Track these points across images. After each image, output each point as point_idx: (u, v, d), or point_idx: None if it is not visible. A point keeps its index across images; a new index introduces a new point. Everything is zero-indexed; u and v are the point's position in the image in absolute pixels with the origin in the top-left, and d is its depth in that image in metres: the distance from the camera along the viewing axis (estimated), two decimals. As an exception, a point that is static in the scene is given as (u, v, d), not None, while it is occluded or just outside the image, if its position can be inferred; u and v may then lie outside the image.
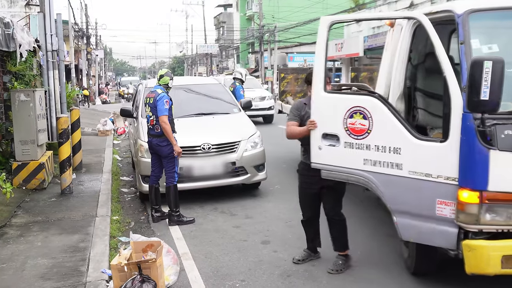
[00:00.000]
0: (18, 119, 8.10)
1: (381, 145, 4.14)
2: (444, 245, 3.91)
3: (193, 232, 6.12)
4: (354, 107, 4.27)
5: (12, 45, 7.93)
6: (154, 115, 6.46)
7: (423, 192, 3.92)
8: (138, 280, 4.01)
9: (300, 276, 4.70)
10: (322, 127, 4.52)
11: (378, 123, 4.15)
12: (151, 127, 6.55)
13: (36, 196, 7.73)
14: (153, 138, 6.50)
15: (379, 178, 4.19)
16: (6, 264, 4.94)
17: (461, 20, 3.83)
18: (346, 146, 4.38)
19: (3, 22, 7.10)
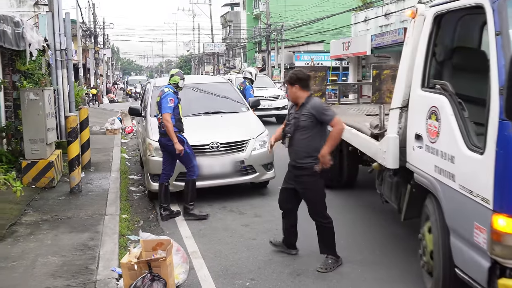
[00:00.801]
0: (28, 118, 8.14)
1: (444, 151, 3.76)
2: (477, 279, 3.30)
3: (202, 231, 6.13)
4: (432, 107, 3.95)
5: (22, 44, 7.97)
6: (161, 113, 6.53)
7: (467, 211, 3.42)
8: (148, 279, 4.01)
9: (310, 275, 4.69)
10: (415, 127, 4.30)
11: (443, 125, 3.77)
12: (159, 126, 6.62)
13: (46, 194, 7.76)
14: (162, 137, 6.57)
15: (442, 188, 3.78)
16: (16, 262, 4.96)
17: (497, 6, 3.23)
18: (426, 149, 4.07)
19: (13, 21, 7.14)
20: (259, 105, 8.92)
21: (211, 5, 57.19)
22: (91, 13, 38.68)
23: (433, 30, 4.24)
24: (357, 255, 5.16)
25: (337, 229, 5.85)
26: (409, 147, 4.44)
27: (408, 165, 4.50)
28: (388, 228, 5.95)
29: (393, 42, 23.37)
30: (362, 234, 5.82)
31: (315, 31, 34.98)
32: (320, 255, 5.05)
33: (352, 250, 5.29)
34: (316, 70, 9.60)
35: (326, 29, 33.29)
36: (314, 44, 41.29)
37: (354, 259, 5.04)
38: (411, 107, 4.46)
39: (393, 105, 4.74)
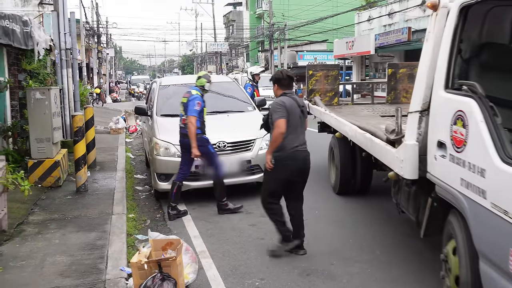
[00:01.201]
0: (34, 117, 8.13)
1: (472, 162, 3.31)
2: None
3: (209, 231, 6.12)
4: (457, 111, 3.51)
5: (30, 43, 7.97)
6: (186, 115, 6.63)
7: (501, 235, 2.99)
8: (158, 278, 4.00)
9: (320, 275, 4.67)
10: (437, 133, 3.86)
11: (472, 133, 3.32)
12: (183, 126, 6.70)
13: (52, 193, 7.76)
14: (185, 138, 6.63)
15: (470, 205, 3.33)
16: (25, 261, 4.95)
17: None
18: (450, 159, 3.63)
19: (21, 20, 7.14)
20: (265, 104, 8.89)
21: (214, 4, 57.26)
22: (94, 13, 38.72)
23: (459, 24, 3.80)
24: (367, 255, 5.13)
25: (346, 228, 5.85)
26: (430, 156, 4.00)
27: (429, 176, 4.05)
28: (399, 228, 5.93)
29: (397, 41, 23.34)
30: (372, 234, 5.80)
31: (318, 31, 34.94)
32: (329, 255, 5.06)
33: (362, 250, 5.27)
34: (328, 69, 9.28)
35: (329, 29, 33.26)
36: (317, 44, 41.24)
37: (364, 259, 5.01)
38: (433, 110, 4.02)
39: (411, 108, 4.29)
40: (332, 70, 9.18)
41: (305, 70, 9.32)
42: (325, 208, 6.94)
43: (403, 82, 9.18)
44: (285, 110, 4.97)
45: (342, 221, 6.35)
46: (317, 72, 9.05)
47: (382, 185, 6.29)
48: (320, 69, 9.20)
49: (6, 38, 6.37)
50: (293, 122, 5.02)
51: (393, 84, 9.26)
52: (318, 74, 9.02)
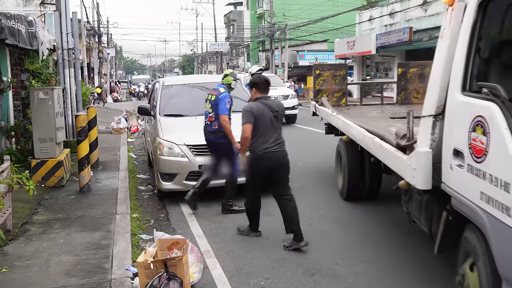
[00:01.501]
0: (37, 117, 8.15)
1: (494, 175, 2.98)
2: None
3: (213, 230, 6.13)
4: (477, 117, 3.19)
5: (35, 43, 7.99)
6: (214, 112, 6.74)
7: None
8: (164, 278, 4.01)
9: (324, 274, 4.68)
10: (453, 140, 3.51)
11: (494, 141, 3.00)
12: (209, 123, 6.81)
13: (55, 193, 7.77)
14: (210, 135, 6.80)
15: (491, 222, 3.01)
16: (30, 261, 4.97)
17: None
18: (468, 169, 3.30)
19: (26, 20, 7.15)
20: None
21: (214, 4, 57.25)
22: (95, 12, 38.72)
23: (477, 20, 3.45)
24: (372, 254, 5.14)
25: (350, 228, 5.87)
26: (445, 165, 3.66)
27: (444, 187, 3.70)
28: (404, 227, 5.92)
29: (398, 41, 23.36)
30: (376, 234, 5.81)
31: (319, 30, 34.94)
32: (334, 255, 5.10)
33: (367, 250, 5.28)
34: (336, 69, 8.97)
35: (330, 28, 33.26)
36: (318, 43, 41.25)
37: (368, 259, 5.02)
38: (448, 115, 3.66)
39: (424, 112, 3.95)
40: (340, 70, 8.88)
41: (312, 70, 9.16)
42: (329, 207, 6.96)
43: (413, 82, 8.89)
44: (251, 116, 5.33)
45: (345, 220, 6.36)
46: (325, 72, 8.72)
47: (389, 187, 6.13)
48: (327, 68, 8.90)
49: (12, 38, 6.39)
50: (262, 125, 5.36)
51: (403, 84, 8.98)
52: (326, 74, 8.70)
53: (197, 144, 7.13)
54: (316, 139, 13.38)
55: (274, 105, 5.49)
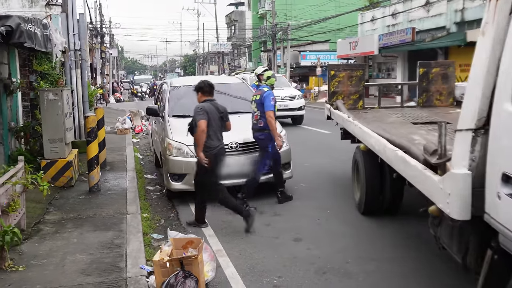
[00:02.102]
0: (47, 118, 8.24)
1: None
2: None
3: (224, 230, 6.21)
4: None
5: (49, 45, 8.09)
6: (259, 111, 7.17)
7: None
8: (181, 276, 4.10)
9: (336, 272, 4.77)
10: (502, 162, 2.85)
11: None
12: (255, 122, 7.24)
13: (65, 193, 7.86)
14: (255, 132, 7.24)
15: None
16: (46, 260, 5.05)
17: None
18: None
19: (41, 23, 7.24)
20: (275, 105, 8.97)
21: (216, 4, 57.30)
22: (97, 13, 38.81)
23: None
24: (382, 253, 5.22)
25: (359, 227, 5.94)
26: (491, 193, 2.97)
27: (488, 219, 3.03)
28: (414, 225, 6.00)
29: (401, 41, 23.44)
30: (386, 232, 5.88)
31: (321, 31, 35.01)
32: (344, 254, 5.19)
33: (377, 248, 5.37)
34: (352, 69, 8.40)
35: (332, 29, 33.34)
36: (320, 44, 41.31)
37: (379, 257, 5.10)
38: (495, 130, 2.97)
39: (461, 125, 3.26)
40: (356, 70, 8.31)
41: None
42: (337, 207, 7.03)
43: (436, 83, 8.35)
44: (205, 113, 5.88)
45: (354, 220, 6.43)
46: (340, 73, 8.21)
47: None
48: (343, 69, 8.38)
49: (30, 41, 6.49)
50: (213, 124, 5.95)
51: (425, 85, 8.42)
52: (341, 75, 8.18)
53: (206, 145, 7.21)
54: (321, 140, 13.47)
55: (220, 107, 6.14)
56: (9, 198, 5.19)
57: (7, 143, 8.31)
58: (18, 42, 6.22)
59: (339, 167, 9.41)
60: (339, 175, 8.84)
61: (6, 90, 8.10)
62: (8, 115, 8.37)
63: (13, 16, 6.24)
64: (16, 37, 5.93)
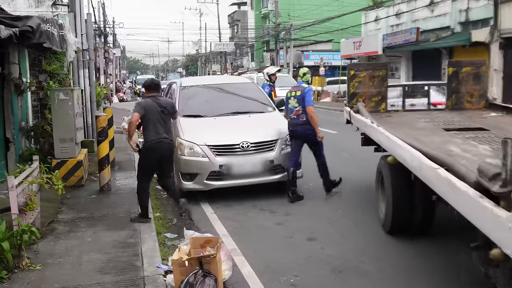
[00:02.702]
0: (57, 118, 8.26)
1: None
2: None
3: (237, 229, 6.24)
4: None
5: (64, 46, 8.13)
6: (300, 106, 7.34)
7: None
8: (200, 275, 4.13)
9: (352, 271, 4.79)
10: None
11: None
12: (296, 117, 7.41)
13: (76, 193, 7.89)
14: (298, 127, 7.38)
15: None
16: (62, 259, 5.09)
17: None
18: None
19: (57, 24, 7.27)
20: (284, 105, 8.99)
21: (219, 4, 57.30)
22: (101, 13, 38.85)
23: None
24: (396, 252, 5.25)
25: (371, 227, 5.95)
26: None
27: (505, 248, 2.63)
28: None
29: (405, 41, 23.45)
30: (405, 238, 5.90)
31: (325, 31, 35.00)
32: (359, 253, 5.22)
33: (391, 248, 5.39)
34: (374, 68, 7.73)
35: (335, 29, 33.33)
36: (323, 44, 41.30)
37: (393, 256, 5.13)
38: None
39: None
40: (378, 70, 7.64)
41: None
42: (348, 207, 7.05)
43: (467, 83, 7.71)
44: (142, 108, 6.33)
45: (366, 220, 6.43)
46: (361, 73, 7.61)
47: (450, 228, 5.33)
48: (364, 68, 7.76)
49: (48, 41, 6.53)
50: (152, 118, 6.30)
51: (454, 86, 7.75)
52: (362, 75, 7.57)
53: (218, 145, 7.26)
54: (329, 139, 13.38)
55: (163, 102, 6.49)
56: (26, 197, 5.22)
57: (17, 143, 8.34)
58: (38, 42, 6.25)
59: (348, 167, 9.44)
60: (347, 175, 8.83)
61: (17, 90, 8.13)
62: (19, 115, 8.40)
63: (34, 17, 6.28)
64: (37, 37, 5.97)
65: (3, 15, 5.08)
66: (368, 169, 9.11)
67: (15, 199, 4.80)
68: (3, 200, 6.85)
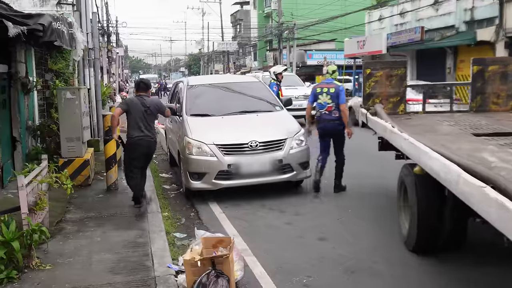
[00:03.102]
0: (64, 117, 8.23)
1: None
2: None
3: (246, 229, 6.19)
4: None
5: (74, 44, 8.09)
6: (333, 103, 7.52)
7: None
8: (213, 275, 4.08)
9: (365, 272, 4.74)
10: None
11: None
12: (328, 113, 7.56)
13: (83, 192, 7.86)
14: (329, 123, 7.57)
15: None
16: (72, 259, 5.06)
17: None
18: None
19: (67, 22, 7.23)
20: (291, 104, 8.97)
21: (221, 3, 57.24)
22: (104, 12, 38.81)
23: None
24: (409, 253, 5.18)
25: (383, 227, 5.89)
26: None
27: None
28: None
29: (410, 40, 23.34)
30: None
31: (328, 30, 34.92)
32: (371, 253, 5.17)
33: (404, 248, 5.30)
34: (391, 67, 7.10)
35: (338, 28, 33.24)
36: (326, 43, 41.21)
37: (406, 257, 5.07)
38: None
39: None
40: (397, 68, 7.04)
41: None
42: (358, 206, 6.98)
43: (493, 83, 7.14)
44: (125, 104, 6.89)
45: (377, 219, 6.36)
46: (377, 71, 7.04)
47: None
48: (381, 67, 7.16)
49: (59, 40, 6.49)
50: (135, 116, 6.67)
51: (479, 85, 7.21)
52: (378, 74, 6.99)
53: (226, 144, 7.21)
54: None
55: (147, 102, 6.78)
56: (36, 197, 5.18)
57: (24, 142, 8.31)
58: (49, 40, 6.20)
59: (355, 166, 9.38)
60: (356, 174, 8.79)
61: (24, 89, 8.10)
62: (25, 114, 8.37)
63: (45, 15, 6.24)
64: (48, 35, 5.92)
65: (14, 12, 5.02)
66: (377, 167, 9.12)
67: (25, 198, 4.76)
68: (10, 199, 6.85)
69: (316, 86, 7.98)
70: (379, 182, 8.11)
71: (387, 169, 7.88)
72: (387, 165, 8.03)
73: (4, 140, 7.51)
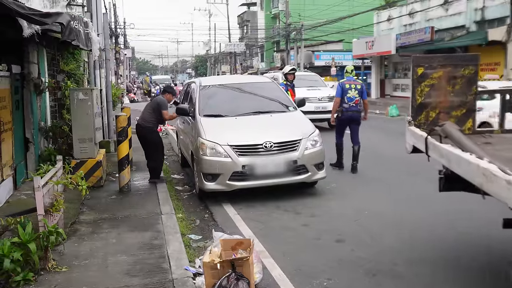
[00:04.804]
0: (77, 118, 8.20)
1: None
2: None
3: (262, 230, 6.11)
4: None
5: (89, 44, 8.05)
6: (360, 97, 9.13)
7: None
8: (233, 278, 4.01)
9: (386, 274, 4.65)
10: None
11: None
12: (355, 105, 9.11)
13: (96, 193, 7.82)
14: (356, 113, 9.17)
15: None
16: (88, 261, 5.00)
17: None
18: None
19: (83, 22, 7.18)
20: (304, 104, 8.86)
21: (228, 4, 57.25)
22: (112, 14, 38.90)
23: None
24: (431, 254, 5.07)
25: (401, 228, 5.80)
26: None
27: None
28: (462, 225, 5.88)
29: (419, 41, 23.24)
30: (430, 234, 5.74)
31: (336, 31, 34.81)
32: (391, 255, 5.07)
33: (424, 250, 5.23)
34: (455, 64, 4.84)
35: (346, 29, 33.13)
36: (333, 44, 41.10)
37: (428, 259, 4.96)
38: None
39: None
40: (464, 67, 4.81)
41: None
42: (374, 208, 6.85)
43: None
44: None
45: (394, 221, 6.27)
46: (435, 71, 4.82)
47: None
48: (440, 64, 4.84)
49: (76, 39, 6.44)
50: None
51: None
52: (436, 74, 4.82)
53: (241, 145, 7.13)
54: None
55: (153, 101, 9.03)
56: (52, 198, 5.13)
57: (37, 143, 8.28)
58: (68, 39, 6.15)
59: (371, 169, 9.31)
60: (371, 177, 8.73)
61: (36, 90, 8.07)
62: (38, 115, 8.34)
63: (64, 13, 6.19)
64: (66, 34, 5.87)
65: (32, 11, 4.97)
66: (388, 166, 9.02)
67: (41, 199, 4.71)
68: (24, 201, 6.82)
69: (345, 82, 9.20)
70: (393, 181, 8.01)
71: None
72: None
73: (17, 141, 7.47)
